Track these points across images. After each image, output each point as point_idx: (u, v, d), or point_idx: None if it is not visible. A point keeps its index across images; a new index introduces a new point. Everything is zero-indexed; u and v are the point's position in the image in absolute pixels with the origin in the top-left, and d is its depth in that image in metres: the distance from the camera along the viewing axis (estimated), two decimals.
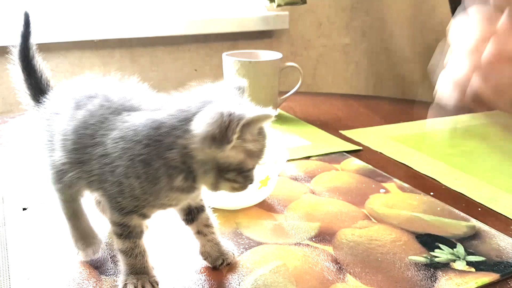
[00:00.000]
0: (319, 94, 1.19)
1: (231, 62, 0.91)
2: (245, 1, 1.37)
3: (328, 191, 0.64)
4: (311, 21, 1.46)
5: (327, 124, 0.91)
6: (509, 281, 0.47)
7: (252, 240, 0.52)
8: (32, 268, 0.47)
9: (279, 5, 1.29)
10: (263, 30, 1.36)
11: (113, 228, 0.44)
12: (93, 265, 0.47)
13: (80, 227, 0.49)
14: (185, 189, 0.41)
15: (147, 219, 0.44)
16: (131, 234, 0.43)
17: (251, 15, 1.33)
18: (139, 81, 0.47)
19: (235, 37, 1.35)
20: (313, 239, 0.53)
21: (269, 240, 0.52)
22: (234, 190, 0.42)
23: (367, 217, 0.57)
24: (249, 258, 0.49)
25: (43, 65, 0.52)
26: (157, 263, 0.47)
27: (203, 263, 0.48)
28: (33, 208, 0.58)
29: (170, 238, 0.52)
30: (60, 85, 0.50)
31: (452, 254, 0.50)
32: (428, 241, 0.52)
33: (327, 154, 0.76)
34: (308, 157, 0.75)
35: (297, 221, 0.56)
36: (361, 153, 0.78)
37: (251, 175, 0.41)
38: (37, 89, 0.50)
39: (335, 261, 0.49)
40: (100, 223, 0.52)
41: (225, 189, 0.42)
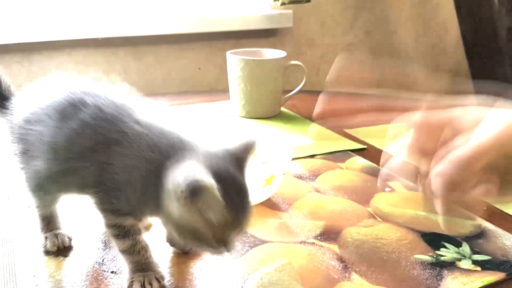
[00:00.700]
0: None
1: (235, 61, 0.91)
2: None
3: (333, 189, 0.64)
4: (315, 19, 1.46)
5: (332, 123, 0.90)
6: None
7: (257, 238, 0.52)
8: (38, 265, 0.47)
9: (283, 4, 1.29)
10: (267, 29, 1.36)
11: (109, 231, 0.44)
12: (99, 262, 0.48)
13: (51, 225, 0.50)
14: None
15: (141, 222, 0.45)
16: (128, 233, 0.43)
17: (255, 13, 1.33)
18: (114, 82, 0.47)
19: (239, 35, 1.35)
20: (318, 237, 0.53)
21: (274, 239, 0.52)
22: (208, 253, 0.42)
23: (372, 215, 0.57)
24: (254, 256, 0.49)
25: (1, 72, 0.51)
26: (159, 261, 0.47)
27: (207, 261, 0.48)
28: None
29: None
30: (25, 91, 0.49)
31: (458, 253, 0.50)
32: (434, 240, 0.52)
33: (331, 153, 0.76)
34: (312, 156, 0.75)
35: (302, 220, 0.56)
36: (366, 152, 0.77)
37: (211, 243, 0.39)
38: (0, 97, 0.50)
39: (341, 259, 0.49)
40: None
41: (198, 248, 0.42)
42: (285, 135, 0.84)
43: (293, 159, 0.71)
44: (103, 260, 0.48)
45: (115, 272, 0.46)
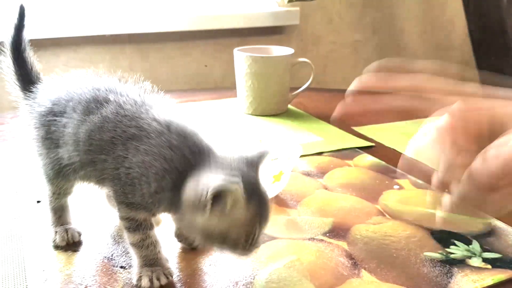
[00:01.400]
0: (330, 90, 1.19)
1: (242, 58, 0.90)
2: None
3: (341, 187, 0.64)
4: (321, 17, 1.45)
5: (339, 120, 0.90)
6: None
7: (265, 235, 0.52)
8: (47, 259, 0.47)
9: (290, 1, 1.29)
10: (273, 26, 1.36)
11: (122, 223, 0.44)
12: (109, 257, 0.48)
13: (62, 219, 0.51)
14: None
15: (154, 216, 0.45)
16: (139, 226, 0.44)
17: (262, 10, 1.32)
18: (138, 79, 0.48)
19: (245, 33, 1.34)
20: (327, 234, 0.52)
21: (283, 235, 0.52)
22: (233, 254, 0.41)
23: (381, 213, 0.57)
24: (263, 252, 0.49)
25: (34, 58, 0.52)
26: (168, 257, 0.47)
27: (216, 257, 0.48)
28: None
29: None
30: (52, 81, 0.50)
31: (468, 250, 0.50)
32: (443, 237, 0.52)
33: (339, 150, 0.76)
34: (320, 153, 0.75)
35: (310, 216, 0.56)
36: (373, 149, 0.77)
37: (240, 243, 0.40)
38: (27, 81, 0.51)
39: (350, 256, 0.49)
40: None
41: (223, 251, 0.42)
42: (292, 133, 0.84)
43: (301, 156, 0.71)
44: (112, 255, 0.48)
45: (124, 267, 0.46)
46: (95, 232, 0.52)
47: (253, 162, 0.42)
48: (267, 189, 0.42)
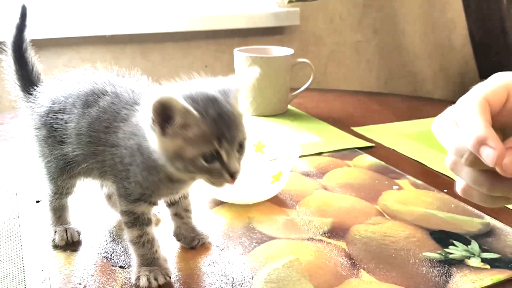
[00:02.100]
0: (330, 91, 1.19)
1: (242, 58, 0.91)
2: None
3: (341, 187, 0.64)
4: (322, 17, 1.45)
5: (339, 121, 0.90)
6: None
7: (264, 235, 0.52)
8: (46, 259, 0.47)
9: (290, 2, 1.29)
10: (273, 27, 1.36)
11: (122, 219, 0.45)
12: (108, 257, 0.48)
13: (62, 219, 0.51)
14: (177, 180, 0.43)
15: (155, 206, 0.45)
16: (137, 221, 0.44)
17: (262, 11, 1.32)
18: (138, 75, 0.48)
19: (245, 33, 1.35)
20: (326, 234, 0.53)
21: (282, 235, 0.52)
22: (211, 183, 0.41)
23: (380, 213, 0.57)
24: (262, 252, 0.49)
25: (35, 58, 0.53)
26: (167, 256, 0.47)
27: (215, 257, 0.48)
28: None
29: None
30: (51, 81, 0.50)
31: (467, 251, 0.50)
32: (442, 237, 0.52)
33: (339, 151, 0.76)
34: (320, 153, 0.75)
35: (309, 217, 0.56)
36: (373, 149, 0.77)
37: (199, 164, 0.39)
38: (28, 81, 0.51)
39: (349, 256, 0.49)
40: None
41: (203, 180, 0.41)
42: (292, 133, 0.84)
43: (300, 156, 0.71)
44: (111, 255, 0.48)
45: (123, 267, 0.46)
46: (94, 232, 0.52)
47: (224, 89, 0.41)
48: (235, 111, 0.41)
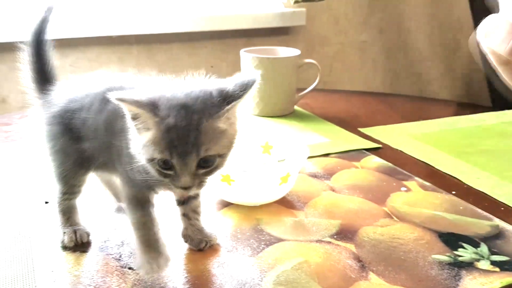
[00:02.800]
0: (336, 92, 1.19)
1: (249, 59, 0.91)
2: None
3: (348, 188, 0.64)
4: (328, 18, 1.45)
5: (345, 122, 0.90)
6: None
7: (273, 237, 0.52)
8: (55, 260, 0.47)
9: (296, 2, 1.29)
10: (279, 27, 1.36)
11: (125, 203, 0.46)
12: (117, 258, 0.48)
13: (71, 220, 0.51)
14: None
15: (156, 194, 0.46)
16: (140, 202, 0.45)
17: (268, 11, 1.32)
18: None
19: (251, 33, 1.34)
20: (334, 236, 0.52)
21: (290, 237, 0.52)
22: (171, 188, 0.42)
23: (388, 215, 0.57)
24: (271, 254, 0.49)
25: (53, 56, 0.53)
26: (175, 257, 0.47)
27: (224, 258, 0.48)
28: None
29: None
30: (66, 83, 0.51)
31: (476, 253, 0.49)
32: (451, 240, 0.52)
33: (346, 152, 0.76)
34: (327, 155, 0.75)
35: (317, 218, 0.56)
36: (380, 151, 0.77)
37: (155, 166, 0.39)
38: (44, 76, 0.52)
39: (357, 259, 0.48)
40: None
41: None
42: (299, 134, 0.84)
43: (307, 157, 0.71)
44: (121, 256, 0.48)
45: (133, 268, 0.46)
46: (103, 233, 0.52)
47: (226, 94, 0.41)
48: (205, 125, 0.39)
